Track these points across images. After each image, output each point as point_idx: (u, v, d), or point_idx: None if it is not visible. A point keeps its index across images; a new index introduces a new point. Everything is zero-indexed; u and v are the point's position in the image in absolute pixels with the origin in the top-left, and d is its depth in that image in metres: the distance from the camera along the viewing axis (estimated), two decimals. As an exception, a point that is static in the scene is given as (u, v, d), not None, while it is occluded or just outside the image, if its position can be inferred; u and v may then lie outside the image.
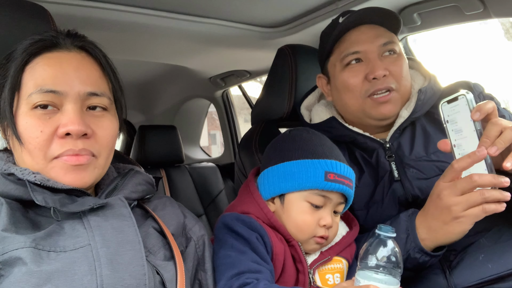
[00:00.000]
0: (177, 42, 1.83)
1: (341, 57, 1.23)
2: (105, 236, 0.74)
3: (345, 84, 1.23)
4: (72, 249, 0.72)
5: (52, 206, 0.74)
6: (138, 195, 0.90)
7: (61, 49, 0.83)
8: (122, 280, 0.71)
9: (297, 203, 1.02)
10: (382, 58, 1.19)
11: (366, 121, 1.24)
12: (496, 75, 4.36)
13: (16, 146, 0.80)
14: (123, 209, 0.80)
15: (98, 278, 0.70)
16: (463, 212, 0.88)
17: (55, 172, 0.78)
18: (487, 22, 1.68)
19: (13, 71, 0.79)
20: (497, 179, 0.84)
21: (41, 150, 0.77)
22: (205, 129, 3.37)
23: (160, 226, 0.88)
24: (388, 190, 1.17)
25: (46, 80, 0.78)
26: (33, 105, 0.78)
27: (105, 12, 1.41)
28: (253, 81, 2.72)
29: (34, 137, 0.77)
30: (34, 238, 0.70)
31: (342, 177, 1.01)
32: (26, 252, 0.67)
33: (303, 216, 1.01)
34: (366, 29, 1.21)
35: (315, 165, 1.00)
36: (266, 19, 1.70)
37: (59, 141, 0.78)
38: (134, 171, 0.94)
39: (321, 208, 1.01)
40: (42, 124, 0.77)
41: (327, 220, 1.00)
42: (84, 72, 0.82)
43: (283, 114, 1.52)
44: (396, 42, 1.22)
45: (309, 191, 1.00)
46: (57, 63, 0.81)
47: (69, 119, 0.78)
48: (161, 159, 2.47)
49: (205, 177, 2.56)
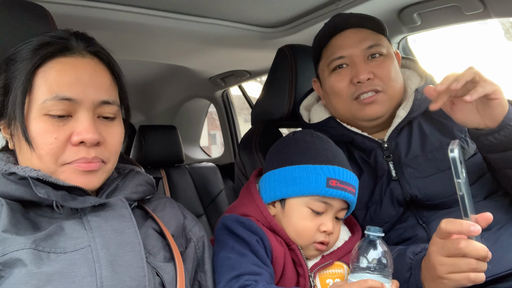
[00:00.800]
0: (177, 42, 1.83)
1: (327, 62, 1.25)
2: (105, 237, 0.74)
3: (332, 89, 1.24)
4: (72, 250, 0.71)
5: (54, 199, 0.74)
6: (138, 195, 0.90)
7: (74, 54, 0.82)
8: (122, 282, 0.71)
9: (298, 209, 1.00)
10: (367, 61, 1.19)
11: (358, 123, 1.25)
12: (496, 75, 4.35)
13: (24, 149, 0.79)
14: (124, 210, 0.80)
15: (98, 279, 0.69)
16: (447, 274, 0.84)
17: (65, 176, 0.79)
18: (487, 22, 1.68)
19: (25, 73, 0.77)
20: (484, 251, 0.80)
21: (53, 156, 0.78)
22: (205, 129, 3.37)
23: (160, 227, 0.88)
24: (386, 190, 1.17)
25: (62, 87, 0.78)
26: (47, 111, 0.77)
27: (105, 12, 1.41)
28: (253, 81, 2.72)
29: (47, 143, 0.77)
30: (35, 239, 0.70)
31: (344, 184, 0.99)
32: (26, 253, 0.67)
33: (303, 222, 0.99)
34: (351, 33, 1.22)
35: (317, 171, 0.99)
36: (266, 19, 1.70)
37: (73, 148, 0.78)
38: (135, 172, 0.94)
39: (322, 214, 1.00)
40: (56, 131, 0.77)
41: (328, 227, 0.99)
42: (97, 79, 0.83)
43: (283, 114, 1.52)
44: (382, 44, 1.21)
45: (310, 197, 0.99)
46: (72, 69, 0.80)
47: (84, 128, 0.78)
48: (161, 159, 2.47)
49: (205, 177, 2.56)
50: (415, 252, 0.98)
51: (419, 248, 0.98)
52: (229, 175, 2.63)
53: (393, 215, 1.16)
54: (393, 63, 1.22)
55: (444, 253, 0.83)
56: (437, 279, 0.86)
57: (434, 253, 0.86)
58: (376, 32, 1.23)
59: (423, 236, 1.13)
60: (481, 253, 0.80)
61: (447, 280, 0.84)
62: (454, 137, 1.16)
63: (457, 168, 0.77)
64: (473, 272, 0.81)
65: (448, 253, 0.83)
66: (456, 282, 0.83)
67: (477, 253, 0.80)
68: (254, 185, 1.09)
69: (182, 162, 2.55)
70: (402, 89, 1.24)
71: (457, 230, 0.80)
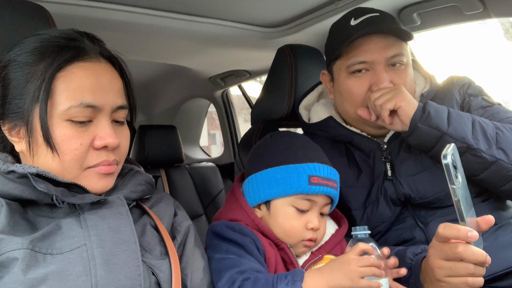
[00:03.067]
0: (177, 42, 1.83)
1: (348, 63, 1.21)
2: (101, 235, 0.75)
3: (349, 92, 1.22)
4: (69, 251, 0.72)
5: (54, 194, 0.75)
6: (137, 195, 0.90)
7: (92, 59, 0.82)
8: (117, 280, 0.71)
9: (283, 209, 1.02)
10: (388, 69, 1.18)
11: (364, 128, 1.25)
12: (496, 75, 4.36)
13: (42, 153, 0.79)
14: (121, 208, 0.81)
15: (93, 278, 0.70)
16: (444, 277, 0.84)
17: (87, 181, 0.81)
18: (487, 22, 1.68)
19: (44, 78, 0.76)
20: (483, 256, 0.79)
21: (78, 161, 0.79)
22: (205, 129, 3.37)
23: (155, 222, 0.89)
24: (381, 190, 1.18)
25: (85, 93, 0.79)
26: (71, 117, 0.78)
27: (105, 12, 1.41)
28: (253, 81, 2.72)
29: (72, 149, 0.78)
30: (32, 240, 0.70)
31: (326, 179, 1.01)
32: (24, 253, 0.67)
33: (290, 221, 1.01)
34: (377, 38, 1.17)
35: (298, 170, 1.00)
36: (266, 19, 1.70)
37: (95, 152, 0.81)
38: (134, 171, 0.95)
39: (307, 211, 1.01)
40: (81, 137, 0.79)
41: (314, 223, 1.00)
42: (115, 85, 0.85)
43: (282, 114, 1.52)
44: (404, 53, 1.20)
45: (294, 196, 1.01)
46: (94, 75, 0.80)
47: (107, 133, 0.81)
48: (161, 159, 2.47)
49: (205, 177, 2.56)
50: (415, 253, 0.98)
51: (419, 249, 0.98)
52: (229, 175, 2.63)
53: (390, 215, 1.16)
54: (410, 73, 1.22)
55: (442, 256, 0.83)
56: (435, 281, 0.86)
57: (432, 256, 0.86)
58: (400, 40, 1.20)
59: (421, 238, 1.13)
60: (479, 258, 0.79)
61: (445, 283, 0.84)
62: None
63: (451, 174, 0.76)
64: (471, 276, 0.81)
65: (446, 256, 0.83)
66: (454, 286, 0.83)
67: (475, 258, 0.79)
68: (238, 189, 1.09)
69: (182, 162, 2.55)
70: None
71: (454, 235, 0.80)
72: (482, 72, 6.11)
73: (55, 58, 0.78)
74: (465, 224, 0.79)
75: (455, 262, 0.82)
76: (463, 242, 0.80)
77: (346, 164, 1.25)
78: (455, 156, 0.78)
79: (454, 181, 0.76)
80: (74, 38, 0.82)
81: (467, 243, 0.80)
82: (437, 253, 0.84)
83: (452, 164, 0.76)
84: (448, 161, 0.76)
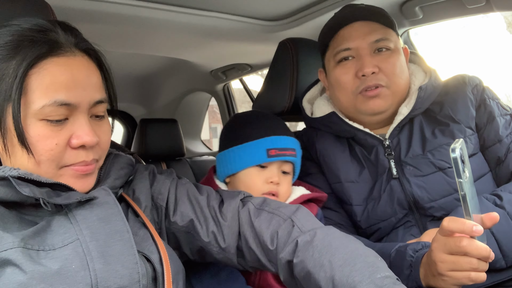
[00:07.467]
0: (178, 35, 1.83)
1: (334, 53, 1.23)
2: (92, 228, 0.74)
3: (337, 81, 1.23)
4: (61, 246, 0.70)
5: (40, 197, 0.72)
6: (122, 180, 0.89)
7: (66, 53, 0.77)
8: (116, 271, 0.71)
9: (245, 172, 1.18)
10: (373, 55, 1.18)
11: (360, 117, 1.24)
12: (499, 68, 4.35)
13: (18, 154, 0.76)
14: (107, 197, 0.80)
15: (91, 272, 0.69)
16: (447, 271, 0.84)
17: (64, 180, 0.78)
18: (489, 15, 1.67)
19: (16, 75, 0.72)
20: (487, 251, 0.79)
21: (54, 161, 0.76)
22: (206, 122, 3.36)
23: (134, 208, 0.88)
24: (386, 188, 1.17)
25: (59, 91, 0.74)
26: (45, 116, 0.74)
27: (106, 5, 1.41)
28: (254, 75, 2.71)
29: (48, 150, 0.75)
30: (23, 237, 0.68)
31: (283, 150, 1.15)
32: (16, 252, 0.66)
33: (251, 178, 1.17)
34: (359, 25, 1.20)
35: (257, 146, 1.16)
36: (267, 12, 1.69)
37: (73, 151, 0.77)
38: (113, 155, 0.93)
39: (267, 168, 1.17)
40: (56, 136, 0.75)
41: (274, 178, 1.16)
42: (92, 79, 0.80)
43: (284, 107, 1.52)
44: (390, 38, 1.20)
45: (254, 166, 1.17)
46: (68, 71, 0.76)
47: (84, 132, 0.77)
48: (162, 153, 2.47)
49: (206, 170, 2.56)
50: (415, 249, 0.98)
51: (419, 245, 0.98)
52: (230, 168, 2.63)
53: (390, 214, 1.16)
54: (399, 59, 1.21)
55: (445, 250, 0.83)
56: (438, 276, 0.86)
57: (436, 249, 0.86)
58: (385, 26, 1.21)
59: None
60: (482, 253, 0.79)
61: (448, 277, 0.84)
62: (454, 138, 1.16)
63: (458, 168, 0.76)
64: (474, 271, 0.81)
65: (449, 250, 0.83)
66: (457, 280, 0.83)
67: (479, 252, 0.79)
68: (211, 171, 1.30)
69: (183, 156, 2.55)
70: (407, 85, 1.23)
71: (459, 229, 0.80)
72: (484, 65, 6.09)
73: (27, 53, 0.73)
74: (470, 219, 0.79)
75: (458, 256, 0.82)
76: (467, 236, 0.80)
77: (348, 159, 1.25)
78: (463, 151, 0.79)
79: (461, 175, 0.77)
80: (48, 29, 0.77)
81: (471, 237, 0.80)
82: (441, 247, 0.84)
83: (460, 158, 0.76)
84: (457, 155, 0.76)
